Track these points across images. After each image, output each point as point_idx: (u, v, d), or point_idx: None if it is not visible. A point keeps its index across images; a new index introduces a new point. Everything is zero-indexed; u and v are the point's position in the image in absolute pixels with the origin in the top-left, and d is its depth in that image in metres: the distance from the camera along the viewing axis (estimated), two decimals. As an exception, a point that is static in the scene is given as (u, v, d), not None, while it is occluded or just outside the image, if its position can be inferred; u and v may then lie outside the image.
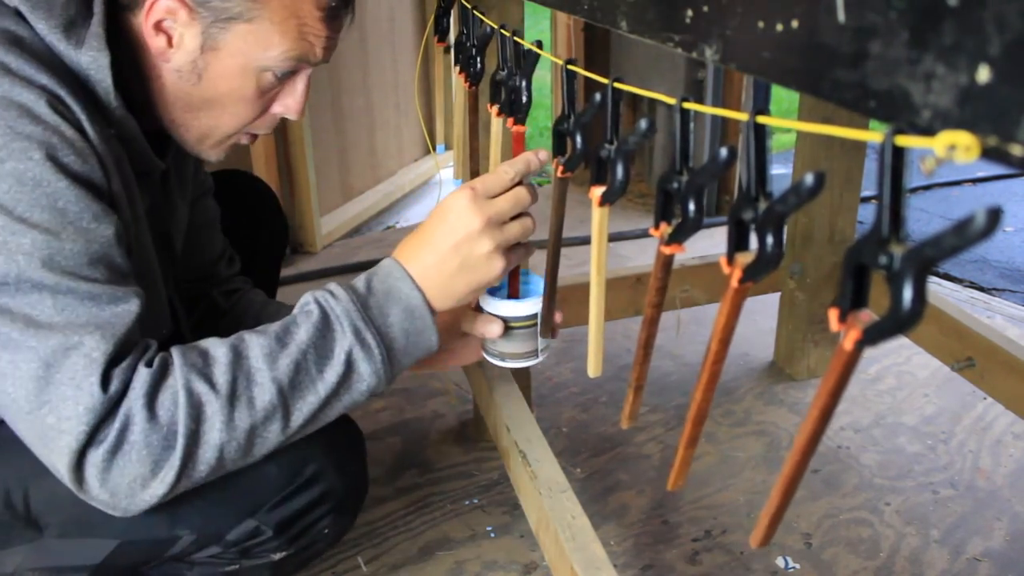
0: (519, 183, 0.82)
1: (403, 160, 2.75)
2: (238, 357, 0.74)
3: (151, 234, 0.89)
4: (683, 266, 1.60)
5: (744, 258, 0.51)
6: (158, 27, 0.77)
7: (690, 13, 0.50)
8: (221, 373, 0.73)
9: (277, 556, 0.90)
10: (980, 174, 2.97)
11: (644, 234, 2.36)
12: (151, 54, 0.80)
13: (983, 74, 0.31)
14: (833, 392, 0.46)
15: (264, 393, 0.74)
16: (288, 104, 0.86)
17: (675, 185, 0.58)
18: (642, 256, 2.24)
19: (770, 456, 1.44)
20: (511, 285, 0.97)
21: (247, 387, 0.73)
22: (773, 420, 1.54)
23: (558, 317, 0.99)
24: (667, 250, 0.61)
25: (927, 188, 2.87)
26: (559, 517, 1.07)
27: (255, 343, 0.75)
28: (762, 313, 1.76)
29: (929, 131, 0.34)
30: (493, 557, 1.22)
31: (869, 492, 1.35)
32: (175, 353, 0.74)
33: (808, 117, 1.43)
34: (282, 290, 2.07)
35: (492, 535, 1.27)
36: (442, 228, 0.79)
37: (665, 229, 0.60)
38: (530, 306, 0.95)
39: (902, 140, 0.37)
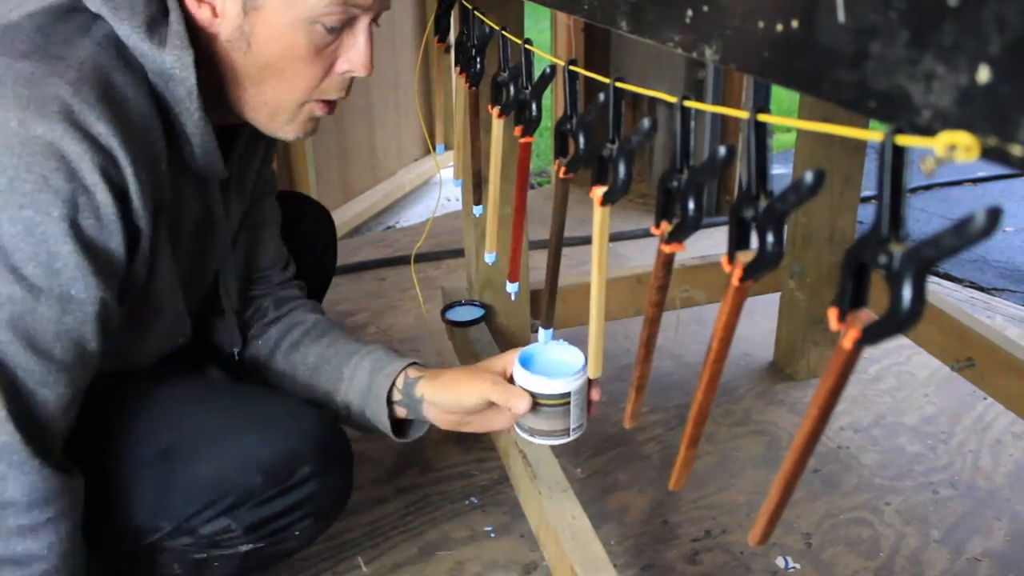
0: None
1: (403, 160, 2.75)
2: None
3: (199, 239, 0.88)
4: (683, 266, 1.60)
5: (745, 256, 0.52)
6: None
7: (690, 13, 0.50)
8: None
9: (244, 548, 0.90)
10: (980, 174, 2.97)
11: (644, 234, 2.36)
12: (204, 33, 0.76)
13: (983, 74, 0.31)
14: (832, 391, 0.46)
15: None
16: (352, 59, 0.80)
17: (676, 184, 0.58)
18: (642, 256, 2.24)
19: (770, 456, 1.44)
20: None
21: None
22: (773, 420, 1.54)
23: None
24: (667, 248, 0.61)
25: (927, 188, 2.87)
26: (559, 517, 1.07)
27: None
28: (762, 313, 1.76)
29: (929, 131, 0.34)
30: (493, 557, 1.22)
31: (869, 492, 1.35)
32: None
33: (808, 117, 1.43)
34: (282, 290, 2.08)
35: (492, 535, 1.27)
36: None
37: (666, 227, 0.60)
38: (563, 384, 0.88)
39: (902, 140, 0.37)
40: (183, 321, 0.93)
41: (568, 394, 0.88)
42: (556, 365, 0.91)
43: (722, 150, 0.51)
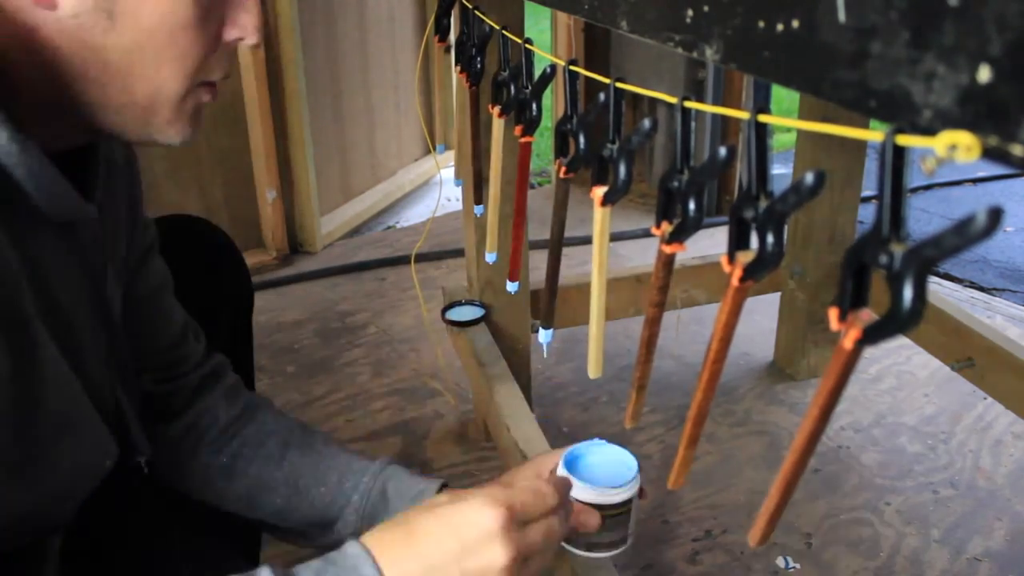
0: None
1: (403, 160, 2.75)
2: None
3: (87, 311, 0.64)
4: (683, 266, 1.60)
5: (745, 257, 0.51)
6: None
7: (690, 13, 0.50)
8: None
9: None
10: (980, 174, 2.97)
11: (645, 234, 2.36)
12: (21, 11, 0.52)
13: (984, 74, 0.31)
14: (833, 391, 0.46)
15: None
16: (243, 22, 0.61)
17: (676, 184, 0.58)
18: (643, 256, 2.24)
19: (770, 456, 1.44)
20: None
21: None
22: (773, 420, 1.54)
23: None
24: (668, 249, 0.61)
25: (927, 188, 2.87)
26: (559, 517, 1.07)
27: None
28: (762, 313, 1.76)
29: (930, 131, 0.34)
30: (493, 557, 1.22)
31: (869, 492, 1.35)
32: None
33: (808, 117, 1.43)
34: (282, 290, 2.08)
35: (492, 535, 1.27)
36: (452, 548, 0.57)
37: (666, 228, 0.60)
38: (627, 491, 0.78)
39: (903, 140, 0.37)
40: (102, 437, 0.65)
41: (631, 500, 0.79)
42: (602, 468, 0.82)
43: (722, 151, 0.51)
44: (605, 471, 0.81)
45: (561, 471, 0.79)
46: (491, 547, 0.57)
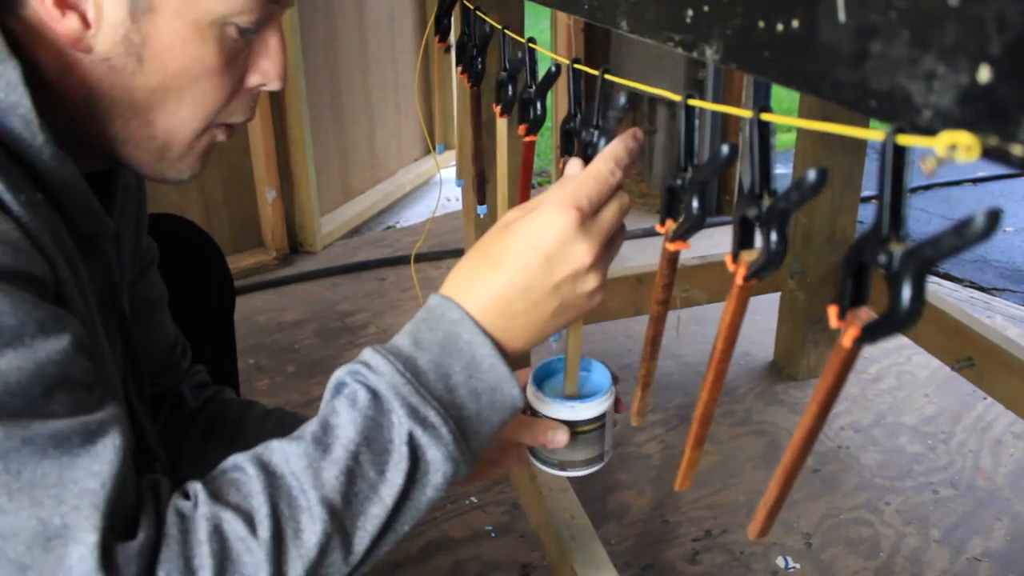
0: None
1: (403, 160, 2.75)
2: (272, 477, 0.53)
3: (105, 322, 0.68)
4: (684, 266, 1.60)
5: (749, 256, 0.52)
6: (63, 4, 0.56)
7: (691, 13, 0.51)
8: (258, 507, 0.52)
9: None
10: (980, 174, 2.98)
11: (644, 233, 2.36)
12: (63, 52, 0.58)
13: (984, 74, 0.31)
14: (832, 389, 0.46)
15: (314, 522, 0.52)
16: (266, 69, 0.64)
17: (679, 182, 0.58)
18: (642, 256, 2.24)
19: (770, 456, 1.44)
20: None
21: (292, 517, 0.53)
22: (773, 420, 1.54)
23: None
24: (672, 246, 0.61)
25: (927, 188, 2.87)
26: (559, 517, 1.08)
27: (290, 453, 0.54)
28: (762, 313, 1.76)
29: (930, 131, 0.34)
30: (493, 557, 1.22)
31: (869, 492, 1.36)
32: (199, 495, 0.52)
33: (808, 116, 1.43)
34: (283, 290, 2.09)
35: (492, 535, 1.27)
36: (537, 262, 0.57)
37: (670, 226, 0.61)
38: (600, 405, 0.74)
39: (903, 139, 0.37)
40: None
41: (604, 414, 0.75)
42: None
43: (725, 149, 0.51)
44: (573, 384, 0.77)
45: (531, 387, 0.75)
46: (573, 249, 0.57)
